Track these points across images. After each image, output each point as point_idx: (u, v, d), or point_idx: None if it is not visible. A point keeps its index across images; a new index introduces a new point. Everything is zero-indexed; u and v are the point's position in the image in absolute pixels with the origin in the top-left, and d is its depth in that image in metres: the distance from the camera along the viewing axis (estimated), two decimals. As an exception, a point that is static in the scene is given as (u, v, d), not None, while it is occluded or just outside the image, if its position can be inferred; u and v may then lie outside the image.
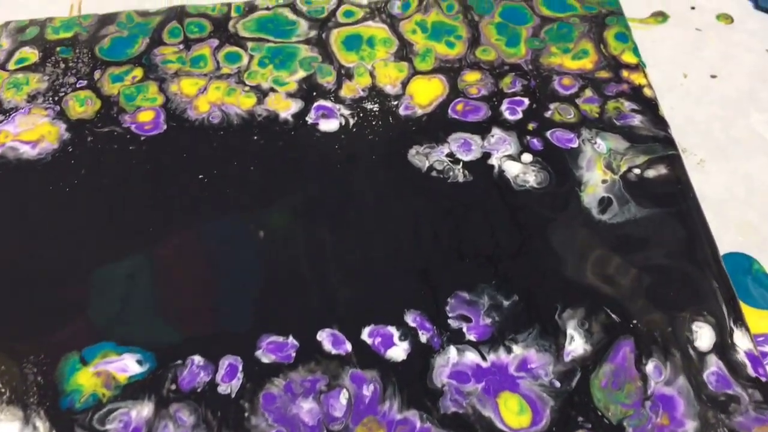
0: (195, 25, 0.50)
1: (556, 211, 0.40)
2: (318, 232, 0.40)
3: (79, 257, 0.39)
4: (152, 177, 0.42)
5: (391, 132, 0.44)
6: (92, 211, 0.41)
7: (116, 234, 0.40)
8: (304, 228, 0.40)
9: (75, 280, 0.39)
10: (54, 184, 0.42)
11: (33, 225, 0.41)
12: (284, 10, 0.51)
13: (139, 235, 0.40)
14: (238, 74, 0.47)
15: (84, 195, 0.42)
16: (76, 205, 0.41)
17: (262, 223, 0.41)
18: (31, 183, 0.42)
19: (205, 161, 0.43)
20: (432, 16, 0.50)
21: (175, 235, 0.40)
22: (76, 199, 0.42)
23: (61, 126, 0.45)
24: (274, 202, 0.42)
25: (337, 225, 0.40)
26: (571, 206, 0.40)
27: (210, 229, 0.41)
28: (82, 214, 0.41)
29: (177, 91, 0.46)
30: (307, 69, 0.47)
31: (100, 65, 0.48)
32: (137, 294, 0.38)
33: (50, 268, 0.39)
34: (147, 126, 0.45)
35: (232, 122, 0.45)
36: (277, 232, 0.40)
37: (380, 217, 0.41)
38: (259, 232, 0.40)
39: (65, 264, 0.39)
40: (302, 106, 0.46)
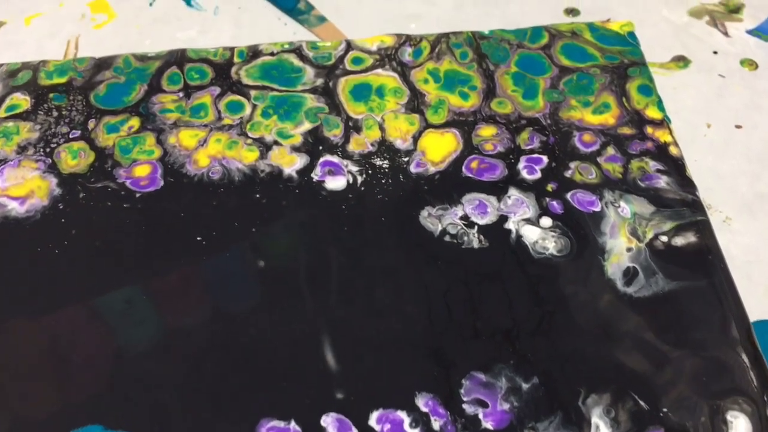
0: (196, 71, 0.48)
1: (578, 283, 0.38)
2: (321, 304, 0.37)
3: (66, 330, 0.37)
4: (147, 238, 0.40)
5: (401, 191, 0.42)
6: (81, 277, 0.39)
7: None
8: (306, 298, 0.38)
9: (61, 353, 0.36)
10: (42, 246, 0.40)
11: (17, 291, 0.38)
12: (289, 55, 0.49)
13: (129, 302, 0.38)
14: (241, 125, 0.45)
15: (73, 258, 0.39)
16: (64, 269, 0.39)
17: (263, 290, 0.38)
18: (19, 244, 0.40)
19: (205, 221, 0.40)
20: (445, 65, 0.48)
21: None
22: (64, 263, 0.39)
23: (52, 180, 0.42)
24: (276, 268, 0.39)
25: (342, 296, 0.38)
26: (594, 277, 0.38)
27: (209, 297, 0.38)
28: (70, 280, 0.38)
29: (176, 143, 0.44)
30: (313, 120, 0.45)
31: (94, 114, 0.45)
32: (128, 370, 0.35)
33: (32, 341, 0.36)
34: (143, 181, 0.42)
35: (234, 178, 0.42)
36: (278, 302, 0.38)
37: (389, 288, 0.38)
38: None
39: (49, 337, 0.37)
40: (308, 161, 0.43)
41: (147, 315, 0.37)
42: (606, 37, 0.49)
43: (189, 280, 0.39)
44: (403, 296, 0.38)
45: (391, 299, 0.38)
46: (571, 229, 0.40)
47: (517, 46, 0.48)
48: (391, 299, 0.38)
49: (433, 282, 0.38)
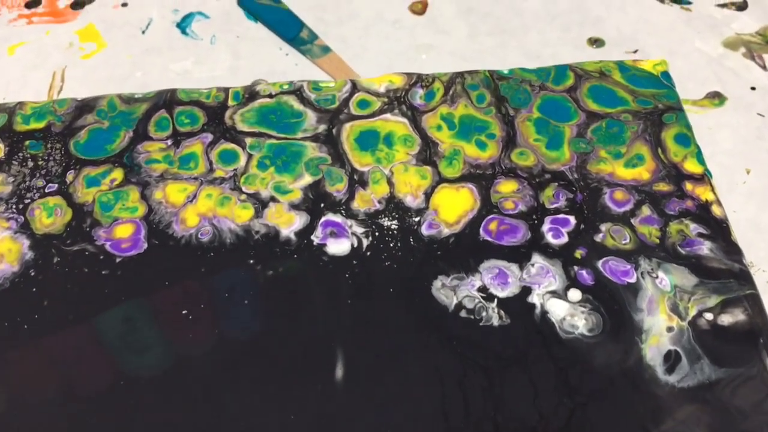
0: (186, 114, 0.44)
1: (612, 368, 0.33)
2: (319, 393, 0.33)
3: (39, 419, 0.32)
4: (126, 312, 0.36)
5: (411, 257, 0.37)
6: (49, 356, 0.34)
7: (80, 392, 0.33)
8: (302, 385, 0.33)
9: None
10: (10, 320, 0.35)
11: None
12: (289, 97, 0.44)
13: (110, 392, 0.33)
14: (234, 178, 0.40)
15: (43, 334, 0.35)
16: (34, 348, 0.35)
17: (255, 376, 0.34)
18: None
19: (192, 292, 0.36)
20: (460, 109, 0.43)
21: (152, 390, 0.33)
22: (32, 340, 0.35)
23: (24, 242, 0.38)
24: (271, 349, 0.35)
25: (344, 383, 0.33)
26: (631, 363, 0.33)
27: (195, 380, 0.34)
28: (36, 359, 0.34)
29: (162, 198, 0.40)
30: (315, 173, 0.41)
31: (74, 164, 0.41)
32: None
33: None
34: (124, 244, 0.38)
35: (225, 241, 0.38)
36: (269, 394, 0.33)
37: (397, 374, 0.33)
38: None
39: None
40: (307, 221, 0.39)
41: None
42: (638, 78, 0.44)
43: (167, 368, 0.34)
44: (412, 383, 0.33)
45: (400, 387, 0.33)
46: (604, 304, 0.35)
47: (539, 87, 0.44)
48: (400, 387, 0.33)
49: (446, 366, 0.33)
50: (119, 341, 0.35)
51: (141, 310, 0.36)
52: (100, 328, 0.35)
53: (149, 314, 0.36)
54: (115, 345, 0.35)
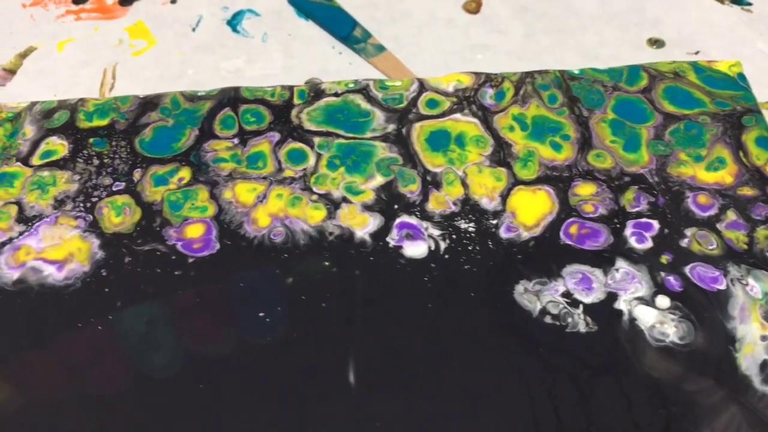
0: (252, 113, 0.43)
1: (707, 378, 0.32)
2: (401, 401, 0.32)
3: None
4: (202, 315, 0.35)
5: (491, 260, 0.36)
6: (126, 358, 0.33)
7: (157, 394, 0.33)
8: (383, 392, 0.32)
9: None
10: (83, 320, 0.34)
11: (54, 378, 0.33)
12: (356, 96, 0.43)
13: (185, 396, 0.32)
14: (304, 178, 0.40)
15: (119, 335, 0.34)
16: (108, 350, 0.34)
17: (335, 381, 0.33)
18: (56, 317, 0.35)
19: (267, 294, 0.35)
20: (532, 110, 0.42)
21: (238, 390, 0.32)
22: (107, 341, 0.34)
23: (94, 242, 0.37)
24: (347, 354, 0.34)
25: (427, 390, 0.32)
26: (725, 373, 0.32)
27: (271, 390, 0.33)
28: (114, 364, 0.33)
29: (231, 198, 0.39)
30: (386, 174, 0.40)
31: (140, 162, 0.40)
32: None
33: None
34: (196, 244, 0.37)
35: (298, 242, 0.37)
36: (353, 395, 0.32)
37: (483, 382, 0.32)
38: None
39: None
40: (382, 222, 0.38)
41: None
42: (714, 80, 0.43)
43: (245, 376, 0.33)
44: (499, 392, 0.32)
45: (486, 396, 0.32)
46: (694, 312, 0.34)
47: (612, 88, 0.43)
48: (486, 396, 0.32)
49: (534, 374, 0.32)
50: (195, 342, 0.34)
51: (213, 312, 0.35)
52: (176, 329, 0.34)
53: (224, 314, 0.35)
54: (191, 345, 0.34)
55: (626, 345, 0.33)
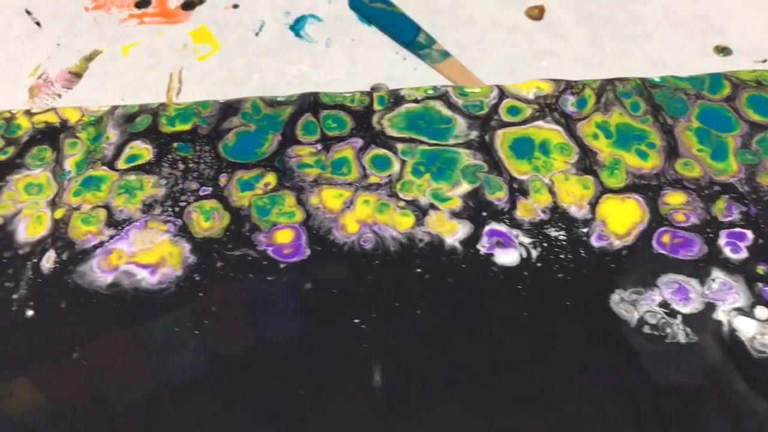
0: (333, 119, 0.43)
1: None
2: (496, 411, 0.32)
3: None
4: (296, 320, 0.35)
5: (584, 269, 0.36)
6: (228, 365, 0.34)
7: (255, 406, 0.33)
8: (477, 402, 0.32)
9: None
10: (180, 325, 0.35)
11: (152, 384, 0.33)
12: (436, 102, 0.43)
13: (283, 408, 0.32)
14: (390, 185, 0.40)
15: (217, 340, 0.34)
16: (206, 356, 0.34)
17: (430, 388, 0.33)
18: (151, 321, 0.35)
19: (361, 300, 0.35)
20: (615, 117, 0.42)
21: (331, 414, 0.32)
22: (205, 347, 0.34)
23: (185, 246, 0.37)
24: (441, 363, 0.33)
25: (525, 400, 0.32)
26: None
27: (374, 394, 0.33)
28: (213, 371, 0.33)
29: (319, 204, 0.39)
30: (472, 181, 0.39)
31: (225, 167, 0.40)
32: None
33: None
34: (286, 249, 0.37)
35: (389, 248, 0.37)
36: (449, 404, 0.32)
37: (585, 392, 0.32)
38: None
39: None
40: (471, 230, 0.38)
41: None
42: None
43: (343, 384, 0.33)
44: (602, 402, 0.32)
45: (589, 406, 0.32)
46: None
47: (695, 96, 0.43)
48: (589, 406, 0.32)
49: (637, 385, 0.32)
50: (290, 346, 0.34)
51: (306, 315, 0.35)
52: (272, 334, 0.34)
53: (320, 319, 0.35)
54: (285, 349, 0.34)
55: (728, 356, 0.33)
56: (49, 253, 0.37)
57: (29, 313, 0.35)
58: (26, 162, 0.41)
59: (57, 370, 0.33)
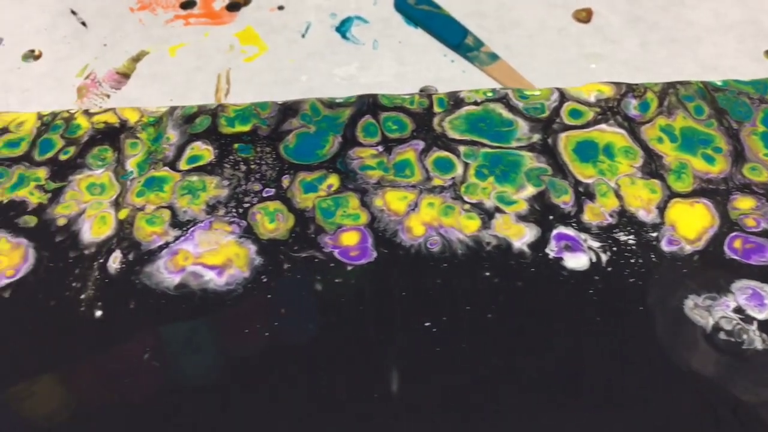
0: (393, 120, 0.43)
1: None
2: (571, 415, 0.32)
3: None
4: (365, 323, 0.34)
5: (656, 274, 0.36)
6: (291, 368, 0.33)
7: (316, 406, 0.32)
8: (548, 404, 0.32)
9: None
10: (250, 326, 0.34)
11: (221, 388, 0.33)
12: (496, 105, 0.43)
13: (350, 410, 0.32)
14: (454, 187, 0.39)
15: (285, 344, 0.34)
16: (275, 356, 0.34)
17: (496, 393, 0.32)
18: (222, 323, 0.35)
19: (431, 303, 0.35)
20: (679, 121, 0.42)
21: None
22: (274, 351, 0.34)
23: (251, 248, 0.37)
24: (514, 369, 0.33)
25: (596, 407, 0.32)
26: None
27: (452, 397, 0.32)
28: (283, 375, 0.33)
29: (383, 206, 0.39)
30: (537, 184, 0.39)
31: (287, 169, 0.40)
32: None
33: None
34: (353, 252, 0.37)
35: (456, 251, 0.37)
36: (521, 412, 0.32)
37: (664, 398, 0.32)
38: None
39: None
40: (539, 233, 0.37)
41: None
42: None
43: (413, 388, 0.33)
44: (682, 409, 0.31)
45: (666, 412, 0.31)
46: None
47: (759, 100, 0.42)
48: (666, 412, 0.31)
49: (716, 392, 0.32)
50: (360, 348, 0.34)
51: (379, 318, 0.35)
52: (342, 336, 0.34)
53: (390, 322, 0.35)
54: (355, 352, 0.34)
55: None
56: (115, 253, 0.37)
57: (98, 314, 0.35)
58: (87, 162, 0.41)
59: (129, 370, 0.33)
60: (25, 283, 0.36)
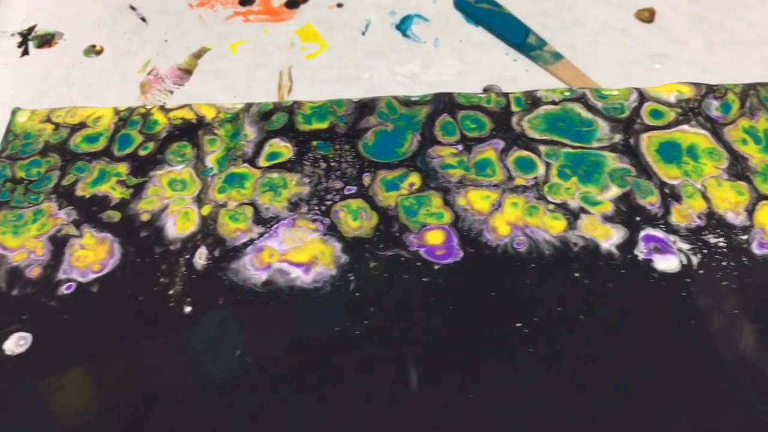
0: (471, 119, 0.42)
1: None
2: (662, 417, 0.31)
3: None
4: (455, 323, 0.34)
5: (749, 277, 0.35)
6: (386, 367, 0.33)
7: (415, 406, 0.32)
8: (638, 404, 0.31)
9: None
10: (341, 324, 0.34)
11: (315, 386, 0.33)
12: (574, 105, 0.43)
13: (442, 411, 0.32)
14: (537, 187, 0.39)
15: (376, 343, 0.34)
16: (364, 357, 0.33)
17: (588, 399, 0.32)
18: (309, 322, 0.35)
19: (521, 304, 0.35)
20: (762, 123, 0.41)
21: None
22: (367, 349, 0.34)
23: (335, 245, 0.37)
24: (609, 365, 0.33)
25: (694, 410, 0.31)
26: None
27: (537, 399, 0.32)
28: (373, 369, 0.33)
29: (466, 205, 0.38)
30: (621, 185, 0.39)
31: (367, 167, 0.40)
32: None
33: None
34: (439, 251, 0.37)
35: (543, 252, 0.36)
36: (589, 410, 0.31)
37: (756, 409, 0.31)
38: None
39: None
40: (626, 235, 0.37)
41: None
42: None
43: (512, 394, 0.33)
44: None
45: (764, 416, 0.31)
46: None
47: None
48: (764, 416, 0.31)
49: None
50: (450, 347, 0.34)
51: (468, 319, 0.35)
52: (430, 336, 0.34)
53: (481, 322, 0.34)
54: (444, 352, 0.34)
55: None
56: (201, 249, 0.37)
57: (187, 309, 0.35)
58: (167, 158, 0.41)
59: (222, 366, 0.33)
60: (112, 278, 0.36)
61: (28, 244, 0.37)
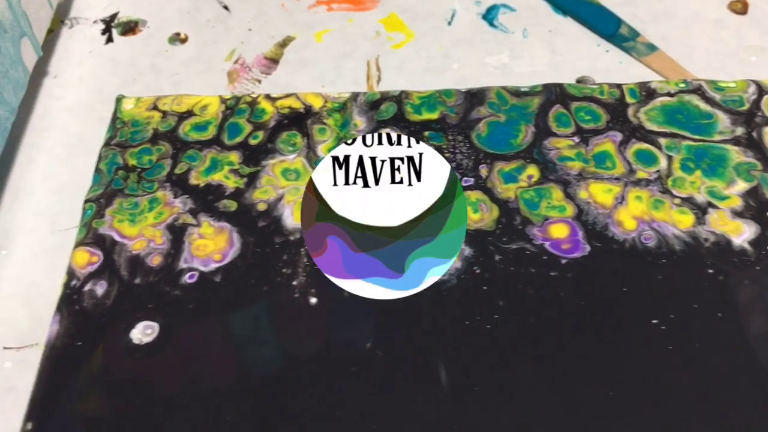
0: (585, 111, 0.41)
1: None
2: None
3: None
4: (591, 317, 0.34)
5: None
6: (515, 362, 0.33)
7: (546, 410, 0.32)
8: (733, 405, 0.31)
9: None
10: (471, 318, 0.34)
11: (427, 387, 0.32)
12: (692, 97, 0.42)
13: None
14: (660, 181, 0.38)
15: (508, 337, 0.33)
16: (493, 347, 0.33)
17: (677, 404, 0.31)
18: (437, 313, 0.34)
19: (655, 300, 0.34)
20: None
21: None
22: (497, 340, 0.33)
23: (458, 238, 0.36)
24: (750, 364, 0.32)
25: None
26: None
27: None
28: (505, 363, 0.33)
29: (588, 198, 0.37)
30: (748, 179, 0.38)
31: (483, 158, 0.39)
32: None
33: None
34: (564, 245, 0.36)
35: (673, 247, 0.36)
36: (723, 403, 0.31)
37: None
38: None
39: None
40: (758, 230, 0.36)
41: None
42: None
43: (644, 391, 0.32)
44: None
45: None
46: None
47: None
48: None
49: None
50: (585, 344, 0.33)
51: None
52: (560, 331, 0.33)
53: (615, 318, 0.34)
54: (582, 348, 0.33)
55: None
56: (321, 240, 0.37)
57: (313, 301, 0.35)
58: (278, 147, 0.41)
59: (351, 360, 0.33)
60: (234, 267, 0.36)
61: (146, 232, 0.37)
